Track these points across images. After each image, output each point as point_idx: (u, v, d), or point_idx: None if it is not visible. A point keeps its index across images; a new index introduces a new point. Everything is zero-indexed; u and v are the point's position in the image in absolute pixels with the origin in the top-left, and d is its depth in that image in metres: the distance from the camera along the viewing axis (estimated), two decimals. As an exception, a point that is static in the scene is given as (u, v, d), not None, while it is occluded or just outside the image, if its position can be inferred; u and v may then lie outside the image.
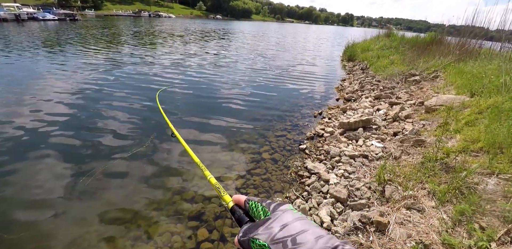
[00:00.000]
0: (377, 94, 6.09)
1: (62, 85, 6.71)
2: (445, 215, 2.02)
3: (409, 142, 3.39)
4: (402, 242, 1.91)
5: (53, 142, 3.96)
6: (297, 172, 3.44)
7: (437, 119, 3.85)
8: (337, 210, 2.57)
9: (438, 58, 7.37)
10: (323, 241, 0.35)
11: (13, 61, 9.18)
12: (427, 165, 2.68)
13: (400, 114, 4.56)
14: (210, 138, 4.36)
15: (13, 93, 5.91)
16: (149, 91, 6.63)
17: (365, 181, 2.85)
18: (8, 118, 4.63)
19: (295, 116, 5.52)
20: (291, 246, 0.35)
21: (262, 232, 0.39)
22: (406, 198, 2.35)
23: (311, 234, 0.36)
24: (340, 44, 22.16)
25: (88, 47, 12.92)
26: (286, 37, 27.36)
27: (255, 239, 0.39)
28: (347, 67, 11.68)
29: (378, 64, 9.08)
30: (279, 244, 0.36)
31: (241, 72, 9.53)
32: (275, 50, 17.08)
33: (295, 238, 0.36)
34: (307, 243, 0.35)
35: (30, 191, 2.96)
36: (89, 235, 2.45)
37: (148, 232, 2.52)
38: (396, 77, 7.05)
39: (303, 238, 0.36)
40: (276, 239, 0.37)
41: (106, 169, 3.38)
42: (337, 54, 16.65)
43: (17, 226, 2.52)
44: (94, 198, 2.92)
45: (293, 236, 0.37)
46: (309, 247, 0.34)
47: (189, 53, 13.14)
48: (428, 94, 5.17)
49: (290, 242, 0.36)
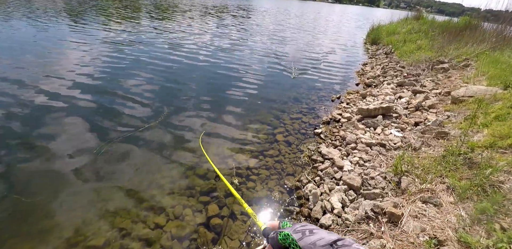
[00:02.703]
0: (400, 81, 5.81)
1: (84, 54, 6.69)
2: (463, 212, 1.95)
3: (431, 134, 3.25)
4: (414, 235, 1.88)
5: (72, 110, 4.01)
6: (311, 156, 3.39)
7: (464, 111, 3.64)
8: (349, 198, 2.54)
9: (471, 45, 6.87)
10: (333, 235, 0.46)
11: (38, 28, 9.16)
12: (448, 159, 2.57)
13: (424, 103, 4.35)
14: (224, 117, 4.32)
15: (38, 59, 5.94)
16: (168, 62, 6.54)
17: (380, 170, 2.78)
18: (32, 83, 4.69)
19: (311, 99, 5.37)
20: (308, 234, 0.47)
21: (287, 228, 0.52)
22: (423, 191, 2.29)
23: (323, 230, 0.49)
24: (361, 26, 20.99)
25: (110, 19, 12.71)
26: (307, 17, 26.09)
27: (281, 231, 0.51)
28: (370, 50, 11.12)
29: (404, 49, 8.57)
30: (299, 233, 0.49)
31: (258, 51, 9.22)
32: (294, 29, 16.38)
33: (312, 230, 0.49)
34: (320, 234, 0.46)
35: (48, 157, 3.05)
36: (104, 203, 2.54)
37: (161, 203, 2.59)
38: (422, 63, 6.65)
39: (317, 231, 0.48)
40: (297, 230, 0.50)
41: (121, 141, 3.43)
42: (360, 36, 15.82)
43: (34, 191, 2.62)
44: (109, 168, 2.99)
45: (310, 229, 0.49)
46: (321, 236, 0.45)
47: (210, 30, 12.77)
48: (456, 83, 4.88)
49: (308, 231, 0.48)
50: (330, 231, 0.51)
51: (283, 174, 3.12)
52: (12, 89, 4.47)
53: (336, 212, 2.38)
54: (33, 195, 2.55)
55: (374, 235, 1.98)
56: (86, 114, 3.95)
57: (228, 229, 2.38)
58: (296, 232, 0.49)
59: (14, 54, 6.22)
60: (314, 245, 0.44)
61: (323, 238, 0.44)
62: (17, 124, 3.57)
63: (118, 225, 2.32)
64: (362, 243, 1.93)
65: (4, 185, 2.63)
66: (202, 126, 3.96)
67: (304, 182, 2.93)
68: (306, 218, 2.50)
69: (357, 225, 2.13)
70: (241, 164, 3.22)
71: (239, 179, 2.95)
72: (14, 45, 6.91)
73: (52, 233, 2.22)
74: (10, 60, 5.80)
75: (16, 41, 7.33)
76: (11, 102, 4.06)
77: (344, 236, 2.04)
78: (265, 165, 3.24)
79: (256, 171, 3.12)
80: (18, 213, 2.37)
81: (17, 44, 7.06)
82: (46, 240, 2.15)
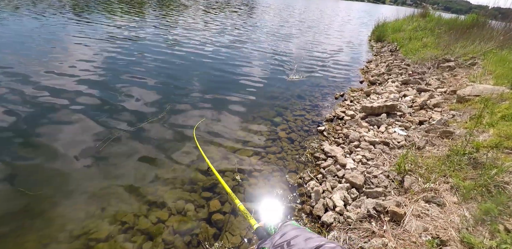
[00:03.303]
0: (405, 79, 5.75)
1: (87, 50, 6.67)
2: (467, 213, 1.94)
3: (435, 133, 3.22)
4: (417, 235, 1.87)
5: (74, 106, 4.01)
6: (313, 154, 3.38)
7: (470, 111, 3.61)
8: (351, 196, 2.54)
9: (478, 44, 6.76)
10: (311, 242, 0.45)
11: (43, 22, 9.14)
12: (453, 159, 2.55)
13: (429, 102, 4.31)
14: (226, 113, 4.30)
15: (41, 54, 5.94)
16: (170, 59, 6.52)
17: (383, 169, 2.77)
18: (35, 78, 4.69)
19: (315, 96, 5.34)
20: (286, 248, 0.48)
21: (268, 242, 0.54)
22: (426, 191, 2.28)
23: (302, 237, 0.48)
24: (366, 23, 20.75)
25: (114, 13, 12.66)
26: (311, 13, 25.83)
27: (263, 247, 0.54)
28: (375, 48, 11.01)
29: (409, 47, 8.46)
30: (278, 247, 0.50)
31: (261, 48, 9.15)
32: (298, 26, 16.23)
33: (289, 241, 0.49)
34: (298, 244, 0.46)
35: (50, 153, 3.06)
36: (107, 197, 2.55)
37: (163, 198, 2.59)
38: (428, 61, 6.58)
39: (295, 241, 0.48)
40: (276, 245, 0.51)
41: (123, 136, 3.43)
42: (365, 33, 15.65)
43: (37, 185, 2.63)
44: (111, 163, 3.00)
45: (288, 240, 0.50)
46: (299, 248, 0.45)
47: (213, 26, 12.68)
48: (462, 82, 4.82)
49: (285, 245, 0.49)
50: (312, 235, 0.50)
51: (285, 171, 3.11)
52: (16, 84, 4.47)
53: (338, 210, 2.38)
54: (36, 190, 2.56)
55: (376, 233, 1.98)
56: (88, 110, 3.95)
57: (229, 224, 2.38)
58: (275, 247, 0.51)
59: (17, 49, 6.21)
60: None
61: None
62: (20, 119, 3.57)
63: (120, 219, 2.33)
64: (364, 242, 1.93)
65: (8, 180, 2.65)
66: (204, 122, 3.95)
67: (306, 180, 2.93)
68: (308, 215, 2.50)
69: (359, 224, 2.13)
70: (243, 160, 3.21)
71: (241, 176, 2.95)
72: (18, 40, 6.90)
73: (56, 226, 2.23)
74: (14, 55, 5.80)
75: (19, 35, 7.32)
76: (14, 98, 4.06)
77: (346, 234, 2.05)
78: (267, 162, 3.24)
79: (258, 167, 3.12)
80: (22, 207, 2.38)
81: (21, 38, 7.06)
82: (50, 233, 2.17)
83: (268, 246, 0.52)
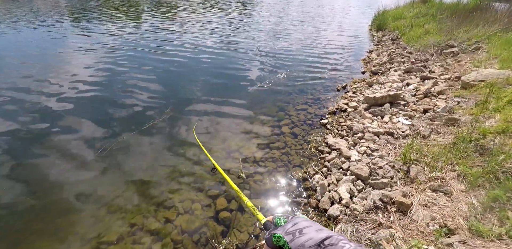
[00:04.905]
0: (407, 67, 5.65)
1: (87, 57, 6.73)
2: (475, 200, 1.92)
3: (440, 120, 3.17)
4: (424, 224, 1.86)
5: (79, 110, 4.07)
6: (317, 147, 3.37)
7: (475, 96, 3.53)
8: (357, 188, 2.53)
9: (481, 27, 6.60)
10: (322, 233, 0.47)
11: (42, 31, 9.23)
12: (459, 146, 2.51)
13: (433, 89, 4.23)
14: (228, 110, 4.30)
15: (43, 63, 6.01)
16: (169, 62, 6.53)
17: (389, 159, 2.74)
18: (38, 87, 4.76)
19: (317, 89, 5.29)
20: (298, 235, 0.49)
21: (280, 229, 0.54)
22: (433, 180, 2.25)
23: (314, 228, 0.50)
24: (365, 13, 20.36)
25: (112, 17, 12.69)
26: (309, 4, 25.42)
27: (275, 233, 0.54)
28: (376, 37, 10.81)
29: (411, 34, 8.30)
30: (290, 234, 0.51)
31: (260, 41, 9.08)
32: (297, 17, 16.01)
33: (302, 230, 0.50)
34: (309, 234, 0.48)
35: (58, 157, 3.12)
36: (115, 200, 2.59)
37: (170, 199, 2.62)
38: (430, 48, 6.44)
39: (307, 230, 0.50)
40: (288, 232, 0.52)
41: (128, 138, 3.46)
42: (365, 22, 15.37)
43: (44, 191, 2.69)
44: (118, 165, 3.03)
45: (300, 229, 0.51)
46: (310, 236, 0.47)
47: (215, 20, 12.62)
48: (467, 68, 4.72)
49: (297, 232, 0.50)
50: (323, 227, 0.51)
51: (290, 166, 3.11)
52: (22, 91, 4.55)
53: (344, 202, 2.37)
54: (46, 194, 2.62)
55: (383, 224, 1.97)
56: (93, 114, 4.00)
57: (236, 222, 2.40)
58: (288, 233, 0.52)
59: (22, 55, 6.29)
60: (303, 246, 0.46)
61: (312, 238, 0.47)
62: (27, 124, 3.64)
63: (129, 221, 2.37)
64: (371, 233, 1.92)
65: (19, 185, 2.71)
66: (206, 121, 3.96)
67: (311, 174, 2.92)
68: (314, 209, 2.50)
69: (366, 215, 2.12)
70: (247, 157, 3.22)
71: (246, 172, 2.95)
72: (22, 46, 6.99)
73: (67, 229, 2.28)
74: (19, 60, 5.88)
75: (23, 42, 7.41)
76: (18, 106, 4.13)
77: (353, 226, 2.04)
78: (271, 157, 3.24)
79: (262, 163, 3.12)
80: (34, 211, 2.44)
81: (25, 45, 7.14)
82: (62, 237, 2.22)
83: (280, 232, 0.52)
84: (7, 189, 2.65)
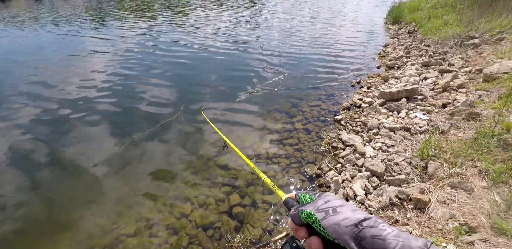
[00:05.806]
0: (425, 61, 5.45)
1: (100, 59, 6.91)
2: (498, 197, 1.84)
3: (460, 115, 3.05)
4: (443, 222, 1.80)
5: (94, 111, 4.21)
6: (331, 144, 3.32)
7: (498, 89, 3.37)
8: (372, 184, 2.48)
9: (505, 17, 6.25)
10: (357, 213, 0.42)
11: (62, 33, 9.55)
12: (480, 141, 2.41)
13: (452, 83, 4.07)
14: (242, 107, 4.32)
15: (62, 64, 6.23)
16: (182, 62, 6.61)
17: (405, 155, 2.67)
18: (57, 87, 4.95)
19: (330, 85, 5.21)
20: (331, 213, 0.44)
21: (309, 206, 0.48)
22: (452, 176, 2.17)
23: (348, 208, 0.45)
24: (379, 6, 19.77)
25: (126, 18, 12.96)
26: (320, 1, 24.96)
27: (303, 210, 0.47)
28: (392, 30, 10.48)
29: (429, 26, 7.98)
30: (322, 212, 0.45)
31: (272, 38, 9.02)
32: (308, 13, 15.76)
33: (335, 208, 0.45)
34: (345, 213, 0.43)
35: (74, 156, 3.23)
36: (132, 193, 2.67)
37: (186, 193, 2.67)
38: (450, 40, 6.18)
39: (342, 209, 0.44)
40: (320, 209, 0.46)
41: (143, 136, 3.55)
42: (380, 16, 14.94)
43: (63, 188, 2.80)
44: (133, 162, 3.12)
45: (334, 207, 0.45)
46: (346, 216, 0.42)
47: (229, 19, 12.64)
48: (489, 60, 4.50)
49: (331, 210, 0.45)
50: (356, 207, 0.46)
51: (303, 162, 3.09)
52: (39, 92, 4.74)
53: (359, 199, 2.34)
54: (68, 188, 2.73)
55: (399, 222, 1.93)
56: (108, 114, 4.13)
57: (250, 217, 2.42)
58: (319, 211, 0.46)
59: (41, 59, 6.55)
60: (338, 225, 0.41)
61: (348, 218, 0.42)
62: (43, 125, 3.80)
63: (146, 215, 2.43)
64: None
65: (38, 184, 2.84)
66: (220, 117, 3.99)
67: (325, 170, 2.89)
68: (329, 205, 2.48)
69: (381, 212, 2.08)
70: (260, 153, 3.22)
71: (259, 168, 2.96)
72: (42, 50, 7.27)
73: (89, 221, 2.38)
74: (36, 63, 6.12)
75: (41, 45, 7.70)
76: (38, 105, 4.31)
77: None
78: (284, 153, 3.22)
79: (276, 160, 3.12)
80: (57, 205, 2.55)
81: (43, 47, 7.43)
82: (84, 228, 2.32)
83: (310, 209, 0.47)
84: (30, 184, 2.79)
